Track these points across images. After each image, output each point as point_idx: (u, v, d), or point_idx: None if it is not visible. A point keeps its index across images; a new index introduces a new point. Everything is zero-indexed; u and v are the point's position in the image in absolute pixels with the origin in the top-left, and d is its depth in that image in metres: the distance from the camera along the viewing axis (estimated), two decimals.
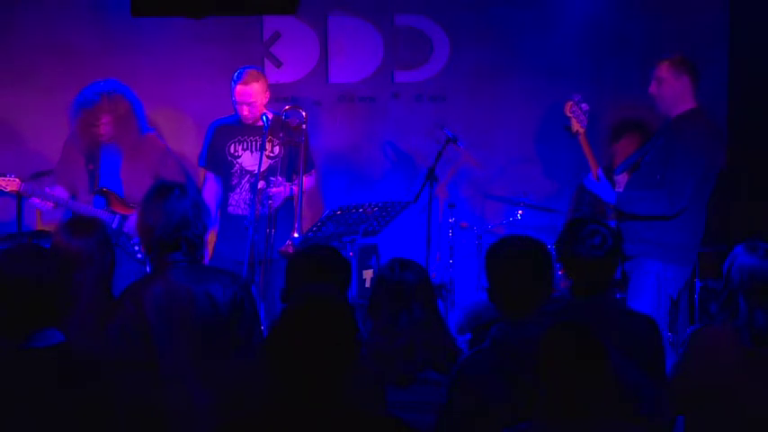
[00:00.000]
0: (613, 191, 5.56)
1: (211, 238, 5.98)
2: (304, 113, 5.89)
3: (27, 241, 5.62)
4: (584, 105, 5.65)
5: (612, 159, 6.71)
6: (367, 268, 6.44)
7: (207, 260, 5.52)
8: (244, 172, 5.96)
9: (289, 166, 5.91)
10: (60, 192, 5.80)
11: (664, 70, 5.50)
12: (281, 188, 5.84)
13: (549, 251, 3.51)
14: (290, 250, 5.56)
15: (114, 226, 5.76)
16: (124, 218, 5.81)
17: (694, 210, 5.45)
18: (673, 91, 5.48)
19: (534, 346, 2.95)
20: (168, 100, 6.77)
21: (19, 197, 5.79)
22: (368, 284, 6.37)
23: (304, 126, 5.87)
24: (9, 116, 6.55)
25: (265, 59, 6.87)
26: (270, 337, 2.62)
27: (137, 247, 5.70)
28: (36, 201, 5.72)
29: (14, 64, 6.56)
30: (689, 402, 3.63)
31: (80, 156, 5.93)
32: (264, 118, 5.81)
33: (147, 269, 4.82)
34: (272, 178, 5.83)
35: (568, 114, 5.64)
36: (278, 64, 6.89)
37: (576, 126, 5.62)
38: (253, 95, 5.82)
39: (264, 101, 5.91)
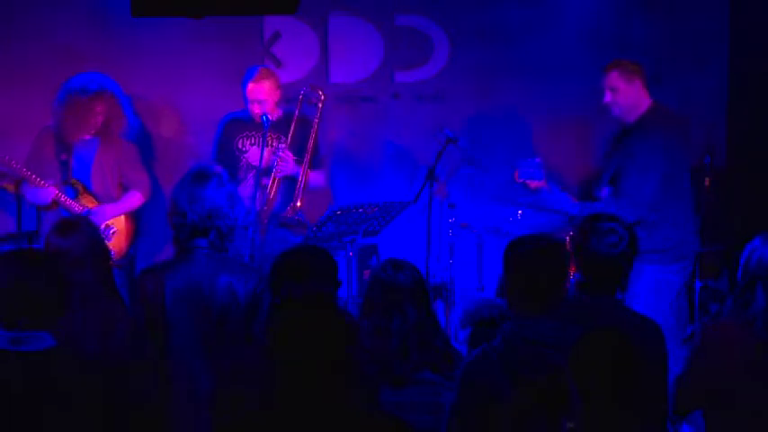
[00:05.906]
0: (573, 201, 5.51)
1: None
2: (322, 94, 5.96)
3: (26, 242, 5.64)
4: (536, 161, 5.61)
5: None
6: (367, 268, 6.44)
7: None
8: (250, 167, 5.96)
9: (299, 150, 5.92)
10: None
11: (614, 79, 5.48)
12: (289, 162, 5.84)
13: (567, 251, 3.51)
14: (290, 214, 5.60)
15: None
16: (88, 212, 5.69)
17: (679, 206, 5.42)
18: (627, 99, 5.48)
19: (542, 347, 2.95)
20: (168, 100, 6.76)
21: (18, 198, 5.77)
22: None
23: (320, 105, 5.93)
24: (8, 116, 6.54)
25: (265, 59, 6.87)
26: (266, 337, 2.62)
27: None
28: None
29: (14, 64, 6.55)
30: (704, 398, 3.60)
31: (54, 145, 5.83)
32: (264, 118, 5.82)
33: None
34: (281, 145, 5.85)
35: (520, 181, 5.60)
36: (278, 64, 6.89)
37: (535, 184, 5.58)
38: (264, 93, 5.87)
39: (276, 98, 5.96)
